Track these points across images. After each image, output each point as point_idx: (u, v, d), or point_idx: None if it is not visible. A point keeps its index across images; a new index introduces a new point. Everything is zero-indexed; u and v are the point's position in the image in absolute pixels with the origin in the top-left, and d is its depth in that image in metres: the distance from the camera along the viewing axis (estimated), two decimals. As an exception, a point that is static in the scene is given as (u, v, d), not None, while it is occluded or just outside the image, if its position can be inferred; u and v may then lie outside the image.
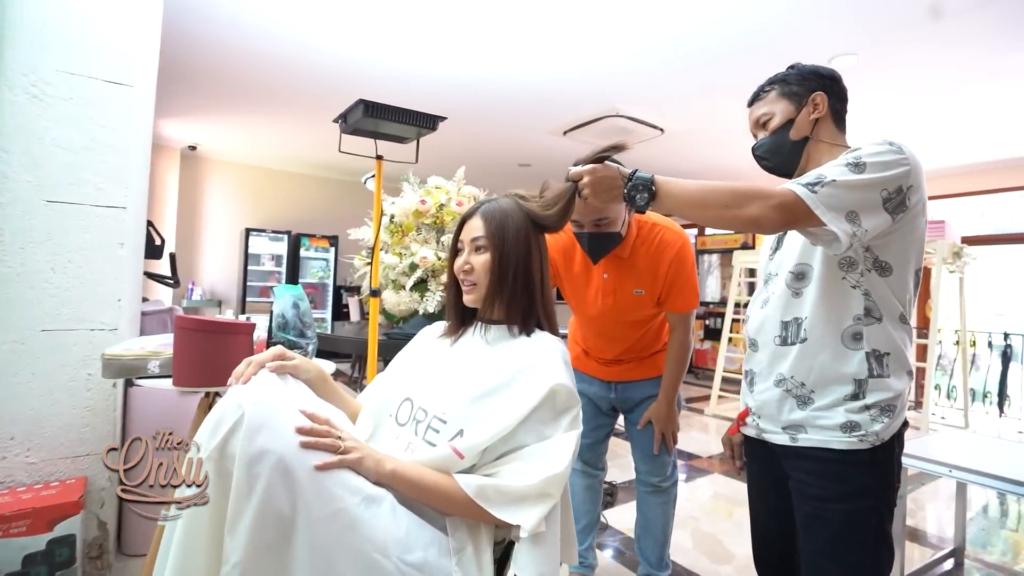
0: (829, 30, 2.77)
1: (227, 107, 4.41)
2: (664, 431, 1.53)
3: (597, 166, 0.92)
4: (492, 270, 0.89)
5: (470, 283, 0.91)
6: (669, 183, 0.90)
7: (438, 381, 0.89)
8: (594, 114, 4.19)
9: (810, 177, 0.87)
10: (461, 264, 0.92)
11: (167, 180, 5.57)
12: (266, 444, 0.65)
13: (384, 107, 1.48)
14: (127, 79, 1.55)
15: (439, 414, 0.83)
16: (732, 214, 0.87)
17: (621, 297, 1.42)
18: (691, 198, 0.89)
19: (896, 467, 0.96)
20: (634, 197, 0.89)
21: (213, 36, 3.08)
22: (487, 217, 0.91)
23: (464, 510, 0.75)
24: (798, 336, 0.97)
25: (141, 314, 2.10)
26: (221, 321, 1.33)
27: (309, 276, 6.46)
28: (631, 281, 1.40)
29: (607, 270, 1.41)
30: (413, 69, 3.42)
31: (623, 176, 0.91)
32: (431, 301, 2.34)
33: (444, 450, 0.77)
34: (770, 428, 1.02)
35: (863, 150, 0.88)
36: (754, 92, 1.10)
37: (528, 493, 0.75)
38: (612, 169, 0.92)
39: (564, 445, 0.79)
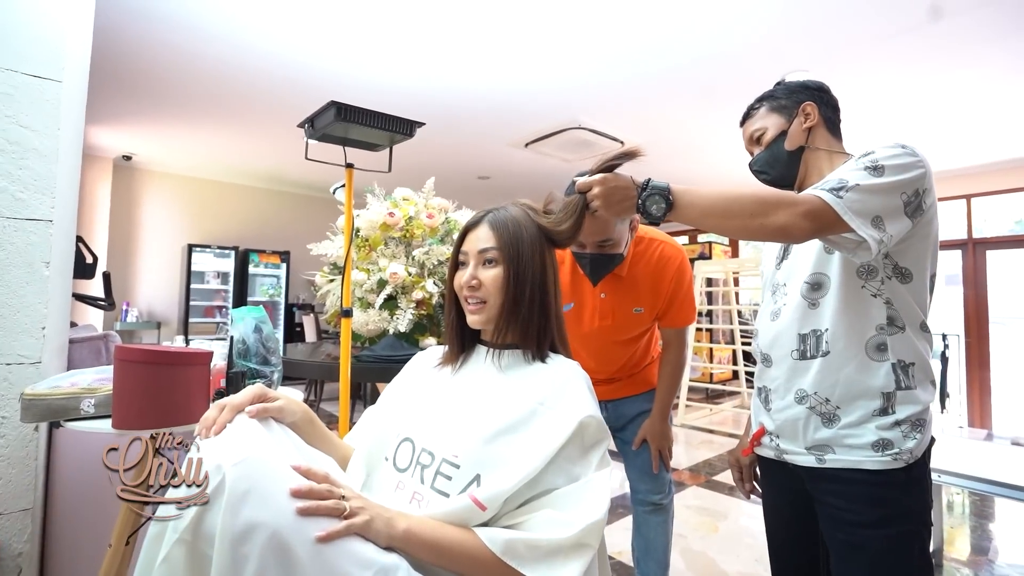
0: (783, 47, 2.87)
1: (167, 115, 4.10)
2: (660, 448, 1.48)
3: (608, 175, 0.84)
4: (506, 286, 0.78)
5: (478, 300, 0.79)
6: (688, 192, 0.83)
7: (444, 417, 0.76)
8: (556, 126, 4.18)
9: (832, 182, 0.82)
10: (467, 279, 0.80)
11: (98, 192, 5.12)
12: (255, 516, 0.51)
13: (358, 110, 1.36)
14: (54, 74, 1.35)
15: (449, 457, 0.71)
16: (758, 223, 0.81)
17: (620, 317, 1.36)
18: (712, 207, 0.83)
19: (929, 484, 0.92)
20: (649, 208, 0.82)
21: (150, 35, 2.83)
22: (497, 226, 0.81)
23: (490, 570, 0.63)
24: (819, 349, 0.92)
25: (68, 342, 1.84)
26: (172, 351, 1.15)
27: (259, 294, 6.10)
28: (630, 300, 1.34)
29: (604, 290, 1.34)
30: (370, 78, 3.28)
31: (636, 185, 0.84)
32: (402, 320, 2.19)
33: (462, 501, 0.65)
34: (792, 449, 0.96)
35: (878, 153, 0.85)
36: (744, 111, 1.10)
37: (563, 546, 0.64)
38: (624, 178, 0.84)
39: (599, 487, 0.68)
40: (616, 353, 1.47)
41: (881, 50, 2.85)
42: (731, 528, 2.39)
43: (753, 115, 1.07)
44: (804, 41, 2.79)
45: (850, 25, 2.62)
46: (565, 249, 0.89)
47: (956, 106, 3.58)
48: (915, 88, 3.33)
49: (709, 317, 5.56)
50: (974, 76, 3.12)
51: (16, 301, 1.31)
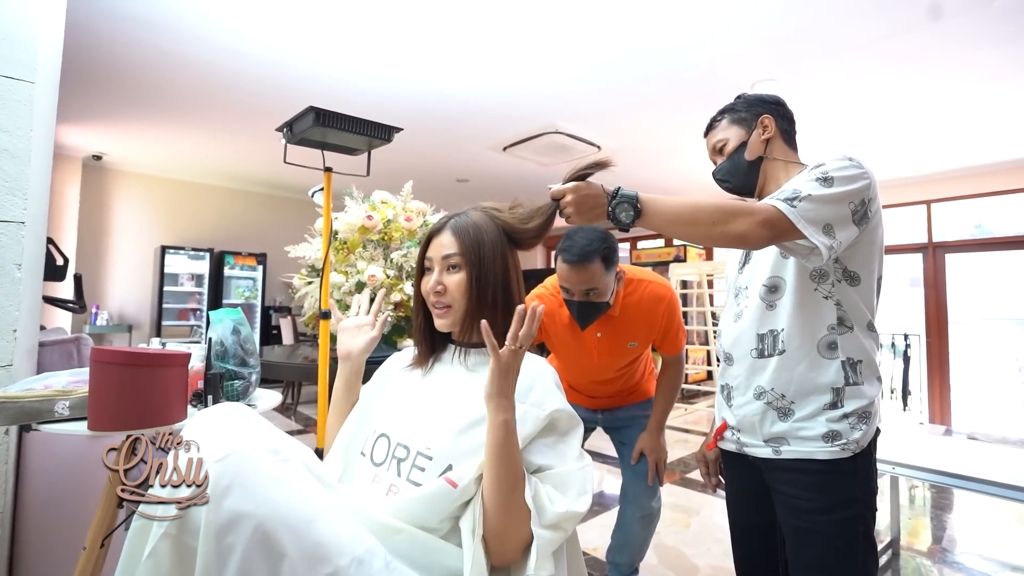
0: (755, 58, 2.97)
1: (139, 114, 4.02)
2: (656, 460, 1.55)
3: (580, 183, 0.89)
4: (469, 290, 0.82)
5: (443, 305, 0.84)
6: (655, 200, 0.88)
7: (417, 414, 0.81)
8: (534, 130, 4.23)
9: (787, 192, 0.88)
10: (432, 285, 0.84)
11: (67, 192, 4.99)
12: (238, 507, 0.54)
13: (336, 115, 1.38)
14: (26, 75, 1.34)
15: (423, 450, 0.75)
16: (719, 231, 0.86)
17: (616, 351, 1.46)
18: (678, 216, 0.88)
19: (874, 472, 0.99)
20: (619, 215, 0.87)
21: (122, 33, 2.79)
22: (459, 232, 0.84)
23: (515, 491, 0.68)
24: (775, 348, 0.98)
25: (39, 345, 1.81)
26: (150, 352, 1.16)
27: (235, 296, 6.01)
28: (625, 336, 1.43)
29: (600, 330, 1.42)
30: (349, 81, 3.28)
31: (607, 193, 0.89)
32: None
33: (435, 483, 0.69)
34: (751, 442, 1.02)
35: (828, 165, 0.91)
36: (708, 123, 1.16)
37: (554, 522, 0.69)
38: (595, 187, 0.89)
39: (586, 479, 0.74)
40: (613, 377, 1.55)
41: (842, 61, 2.97)
42: (702, 524, 2.46)
43: (716, 127, 1.13)
44: (774, 52, 2.90)
45: (818, 37, 2.73)
46: (528, 250, 0.93)
47: (914, 114, 3.74)
48: (872, 97, 3.47)
49: (685, 318, 5.68)
50: (930, 86, 3.28)
51: (-13, 304, 1.29)
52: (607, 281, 1.31)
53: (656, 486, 1.58)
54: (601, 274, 1.29)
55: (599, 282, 1.29)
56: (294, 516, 0.57)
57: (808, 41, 2.77)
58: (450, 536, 0.70)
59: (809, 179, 0.90)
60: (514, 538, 0.67)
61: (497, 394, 0.69)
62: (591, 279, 1.28)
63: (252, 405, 1.35)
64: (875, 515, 0.96)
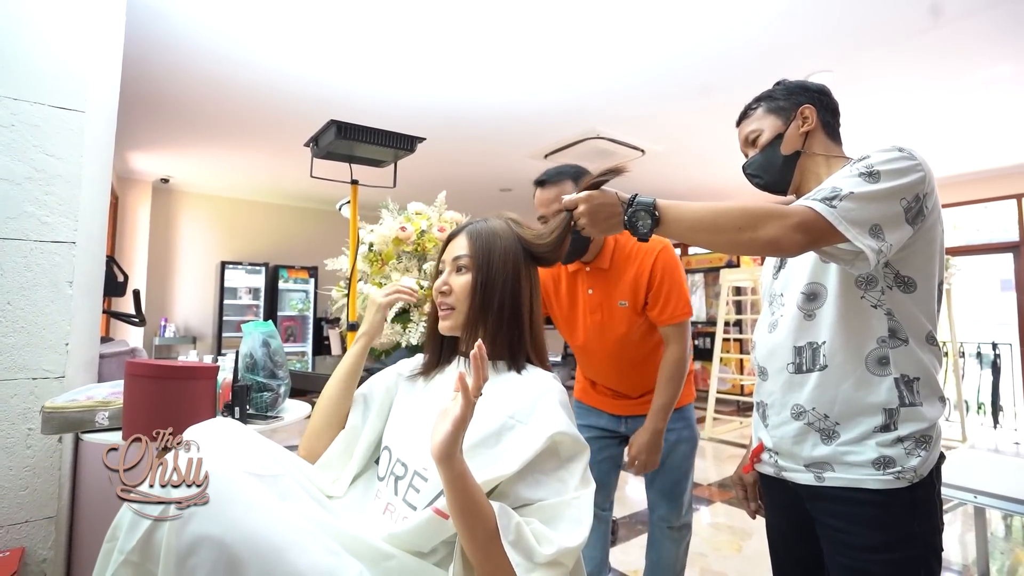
0: (806, 49, 2.80)
1: (198, 138, 4.30)
2: (639, 459, 1.34)
3: (593, 192, 0.83)
4: (473, 293, 0.79)
5: (447, 307, 0.81)
6: (674, 207, 0.81)
7: (416, 429, 0.77)
8: (575, 136, 4.18)
9: (824, 191, 0.79)
10: (438, 284, 0.82)
11: (138, 214, 5.40)
12: (202, 528, 0.52)
13: (357, 128, 1.39)
14: (77, 104, 1.43)
15: (420, 470, 0.72)
16: (747, 237, 0.78)
17: (606, 312, 1.38)
18: (700, 222, 0.80)
19: (939, 506, 0.86)
20: (636, 224, 0.80)
21: (178, 64, 2.98)
22: (472, 236, 0.83)
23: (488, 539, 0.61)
24: (815, 363, 0.88)
25: (100, 356, 1.93)
26: (178, 365, 1.19)
27: (288, 308, 6.27)
28: (615, 293, 1.37)
29: (591, 285, 1.39)
30: (389, 94, 3.36)
31: (622, 201, 0.82)
32: (414, 333, 2.21)
33: (424, 515, 0.65)
34: (791, 466, 0.92)
35: (873, 158, 0.81)
36: (741, 111, 1.06)
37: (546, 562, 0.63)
38: (610, 195, 0.83)
39: (584, 508, 0.67)
40: (614, 354, 1.44)
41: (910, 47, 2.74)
42: (755, 549, 2.29)
43: (750, 115, 1.03)
44: (822, 47, 2.73)
45: (877, 24, 2.54)
46: (549, 266, 0.89)
47: (999, 103, 3.40)
48: (946, 85, 3.18)
49: (739, 327, 5.40)
50: (1015, 72, 2.97)
51: (41, 319, 1.38)
52: None
53: (680, 502, 1.46)
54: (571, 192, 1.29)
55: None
56: (266, 543, 0.54)
57: (868, 29, 2.57)
58: (445, 562, 0.65)
59: (851, 174, 0.80)
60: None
61: (452, 453, 0.59)
62: (559, 197, 1.27)
63: (279, 417, 1.37)
64: (940, 557, 0.83)
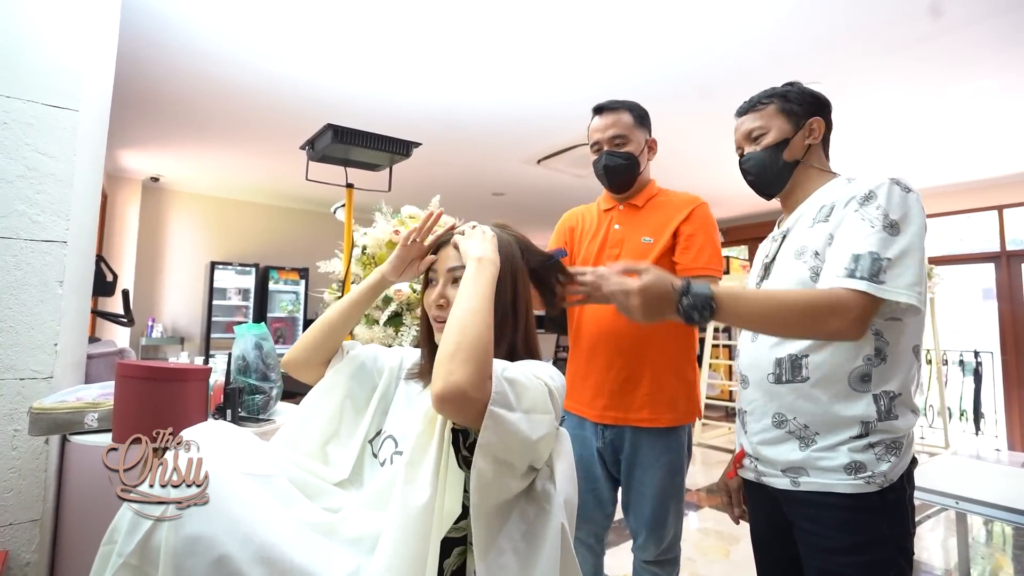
0: (799, 57, 2.84)
1: (190, 137, 4.27)
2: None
3: (648, 284, 0.81)
4: None
5: (445, 320, 0.81)
6: (731, 300, 0.81)
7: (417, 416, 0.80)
8: (569, 142, 4.20)
9: (864, 264, 0.79)
10: (435, 297, 0.81)
11: (128, 213, 5.34)
12: (199, 528, 0.52)
13: (354, 132, 1.39)
14: (70, 103, 1.43)
15: None
16: (811, 333, 0.83)
17: (628, 248, 1.31)
18: (761, 317, 0.83)
19: (910, 510, 0.88)
20: (691, 315, 0.81)
21: (172, 63, 2.97)
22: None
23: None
24: (796, 374, 0.89)
25: (87, 357, 1.91)
26: (170, 367, 1.19)
27: (278, 310, 6.23)
28: (642, 230, 1.32)
29: (619, 221, 1.36)
30: (383, 96, 3.36)
31: (676, 290, 0.81)
32: (406, 336, 2.21)
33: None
34: (769, 471, 0.93)
35: (881, 201, 0.82)
36: (748, 102, 1.04)
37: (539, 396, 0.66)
38: (663, 284, 0.81)
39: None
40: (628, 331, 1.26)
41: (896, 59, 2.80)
42: (742, 554, 2.31)
43: (759, 110, 1.01)
44: (814, 55, 2.77)
45: (864, 37, 2.59)
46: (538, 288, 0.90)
47: (983, 115, 3.48)
48: (931, 97, 3.25)
49: (728, 333, 5.45)
50: (1001, 84, 3.04)
51: (30, 319, 1.37)
52: (635, 133, 1.32)
53: (669, 526, 1.27)
54: (628, 123, 1.31)
55: (626, 129, 1.30)
56: (262, 542, 0.54)
57: (856, 40, 2.63)
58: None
59: (874, 230, 0.80)
60: (467, 352, 0.61)
61: (470, 246, 0.76)
62: (616, 123, 1.30)
63: (271, 419, 1.36)
64: (911, 560, 0.85)
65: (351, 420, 0.84)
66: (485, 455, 0.58)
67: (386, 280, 0.93)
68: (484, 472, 0.58)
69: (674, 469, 1.27)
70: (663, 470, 1.25)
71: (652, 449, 1.25)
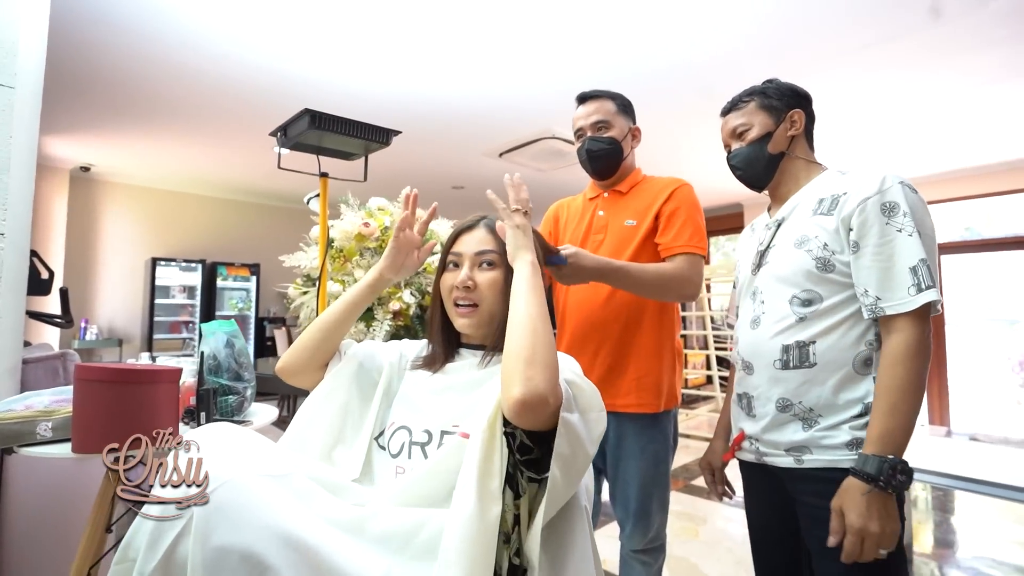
0: (758, 59, 2.95)
1: (128, 123, 3.96)
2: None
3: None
4: (504, 292, 0.77)
5: (469, 303, 0.78)
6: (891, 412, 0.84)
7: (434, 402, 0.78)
8: (530, 136, 4.21)
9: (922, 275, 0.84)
10: (463, 279, 0.78)
11: (54, 205, 4.90)
12: (227, 539, 0.49)
13: (333, 118, 1.33)
14: (6, 79, 1.29)
15: (448, 428, 0.72)
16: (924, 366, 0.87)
17: (612, 232, 1.31)
18: (904, 396, 0.85)
19: None
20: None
21: (109, 41, 2.73)
22: (496, 230, 0.81)
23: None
24: (803, 361, 0.93)
25: (22, 362, 1.74)
26: (137, 368, 1.10)
27: (227, 308, 5.91)
28: (625, 214, 1.32)
29: (603, 208, 1.36)
30: (342, 86, 3.24)
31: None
32: (379, 331, 2.15)
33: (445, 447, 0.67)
34: (772, 451, 0.98)
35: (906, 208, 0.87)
36: (731, 101, 1.09)
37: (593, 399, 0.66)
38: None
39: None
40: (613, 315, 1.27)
41: (835, 64, 2.96)
42: (711, 532, 2.41)
43: (740, 108, 1.05)
44: (780, 52, 2.85)
45: (812, 42, 2.72)
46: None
47: (905, 118, 3.72)
48: (866, 101, 3.44)
49: (683, 323, 5.65)
50: (922, 89, 3.27)
51: (-36, 320, 1.23)
52: (618, 120, 1.31)
53: (655, 515, 1.28)
54: (611, 110, 1.31)
55: (608, 115, 1.30)
56: (297, 545, 0.51)
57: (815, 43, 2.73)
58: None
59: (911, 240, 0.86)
60: (542, 356, 0.60)
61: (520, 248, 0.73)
62: (599, 110, 1.30)
63: (247, 421, 1.29)
64: (905, 526, 0.92)
65: (355, 422, 0.81)
66: (558, 462, 0.57)
67: (384, 278, 0.89)
68: (556, 480, 0.57)
69: (659, 459, 1.28)
70: (648, 460, 1.26)
71: (637, 439, 1.26)
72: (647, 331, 1.28)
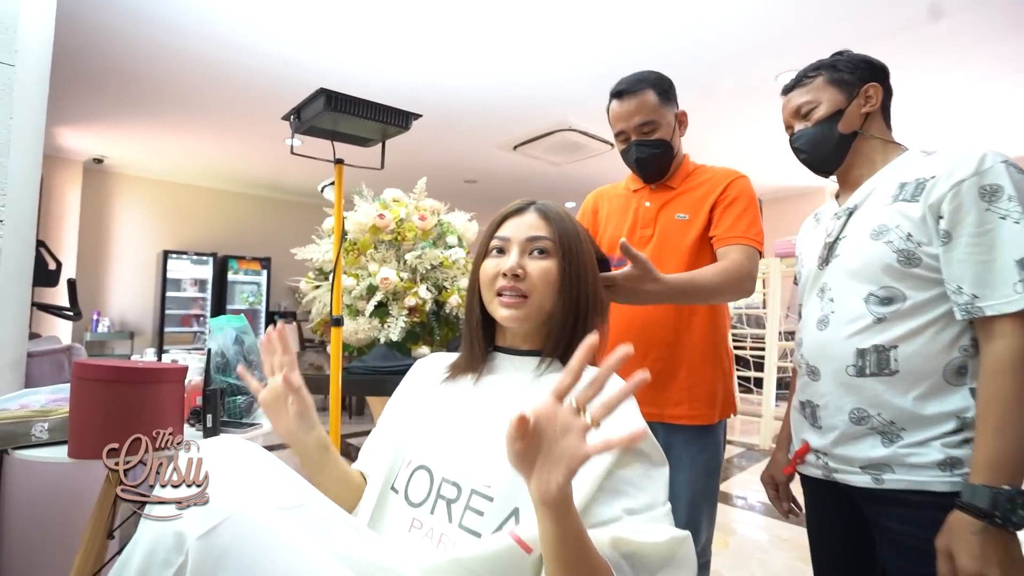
0: (778, 47, 2.83)
1: (140, 115, 3.91)
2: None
3: None
4: (559, 286, 0.67)
5: (517, 294, 0.66)
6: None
7: (468, 440, 0.65)
8: (546, 128, 4.10)
9: None
10: (511, 267, 0.66)
11: (67, 197, 4.88)
12: None
13: (349, 99, 1.24)
14: (5, 56, 1.21)
15: (480, 488, 0.59)
16: None
17: (662, 227, 1.18)
18: (1016, 412, 0.71)
19: None
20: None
21: (121, 29, 2.67)
22: (550, 216, 0.70)
23: None
24: (883, 367, 0.81)
25: (27, 355, 1.68)
26: (138, 367, 1.01)
27: (238, 302, 5.89)
28: (676, 207, 1.19)
29: (649, 199, 1.22)
30: (356, 76, 3.16)
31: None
32: (394, 328, 2.06)
33: (501, 541, 0.53)
34: (844, 468, 0.86)
35: (1011, 191, 0.74)
36: (794, 78, 0.97)
37: (667, 552, 0.53)
38: None
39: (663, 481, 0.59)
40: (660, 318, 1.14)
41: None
42: (741, 543, 2.29)
43: (806, 84, 0.93)
44: (801, 39, 2.76)
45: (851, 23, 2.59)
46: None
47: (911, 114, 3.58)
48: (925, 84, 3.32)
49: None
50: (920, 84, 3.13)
51: (-40, 312, 1.16)
52: (663, 114, 1.15)
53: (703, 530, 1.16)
54: (654, 104, 1.14)
55: (653, 113, 1.14)
56: None
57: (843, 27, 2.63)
58: None
59: (1019, 228, 0.73)
60: None
61: (563, 496, 0.45)
62: (642, 108, 1.14)
63: (257, 424, 1.21)
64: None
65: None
66: None
67: (300, 438, 0.69)
68: None
69: (710, 470, 1.16)
70: (698, 471, 1.13)
71: (687, 449, 1.13)
72: (698, 332, 1.16)
